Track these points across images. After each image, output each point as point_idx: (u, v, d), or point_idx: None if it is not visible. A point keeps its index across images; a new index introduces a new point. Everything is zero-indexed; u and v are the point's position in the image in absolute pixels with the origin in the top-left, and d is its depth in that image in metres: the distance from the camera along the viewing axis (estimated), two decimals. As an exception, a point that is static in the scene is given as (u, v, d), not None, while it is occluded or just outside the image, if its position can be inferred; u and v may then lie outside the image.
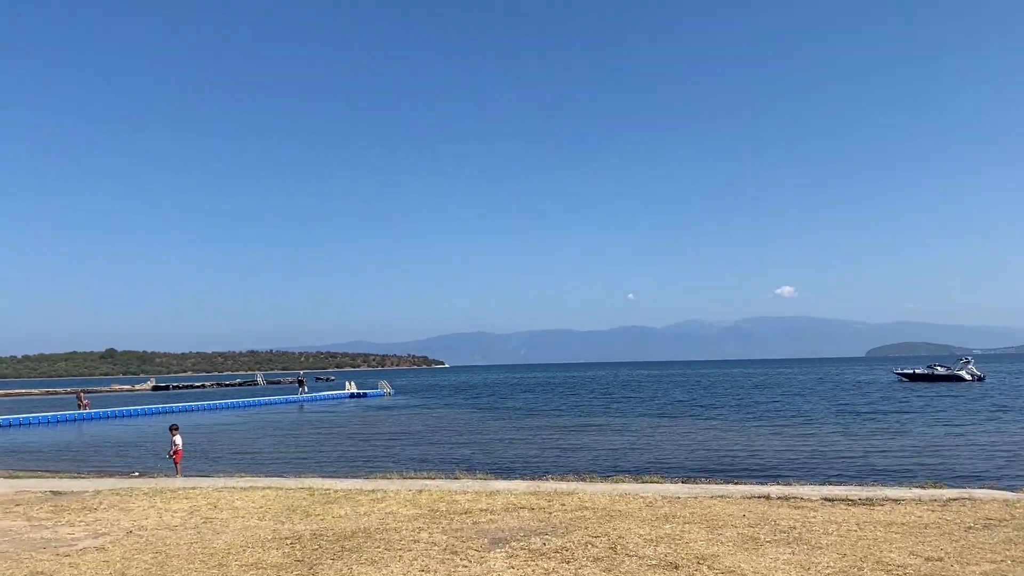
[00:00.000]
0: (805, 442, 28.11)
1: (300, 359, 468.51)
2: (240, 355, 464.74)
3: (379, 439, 33.70)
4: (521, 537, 10.85)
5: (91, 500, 14.71)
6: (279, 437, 36.79)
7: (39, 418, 54.07)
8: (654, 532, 11.02)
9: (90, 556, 10.41)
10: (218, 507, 13.70)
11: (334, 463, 26.03)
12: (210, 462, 27.10)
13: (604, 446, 28.50)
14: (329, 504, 13.85)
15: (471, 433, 35.14)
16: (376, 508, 13.35)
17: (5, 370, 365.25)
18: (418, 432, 36.40)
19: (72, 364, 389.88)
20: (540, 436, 32.70)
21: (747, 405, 50.17)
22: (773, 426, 34.69)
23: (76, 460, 29.93)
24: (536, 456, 26.06)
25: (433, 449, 28.98)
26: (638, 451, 26.77)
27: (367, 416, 50.75)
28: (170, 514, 13.16)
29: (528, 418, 44.29)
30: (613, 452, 26.62)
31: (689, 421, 38.62)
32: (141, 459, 29.35)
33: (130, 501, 14.53)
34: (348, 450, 29.73)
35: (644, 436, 31.81)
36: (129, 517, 12.99)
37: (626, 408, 50.24)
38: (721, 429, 33.93)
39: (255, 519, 12.65)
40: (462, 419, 44.69)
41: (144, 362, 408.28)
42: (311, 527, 11.89)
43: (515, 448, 28.50)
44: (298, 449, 30.74)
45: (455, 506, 13.40)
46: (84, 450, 33.90)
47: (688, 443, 28.68)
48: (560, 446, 28.65)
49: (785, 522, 11.57)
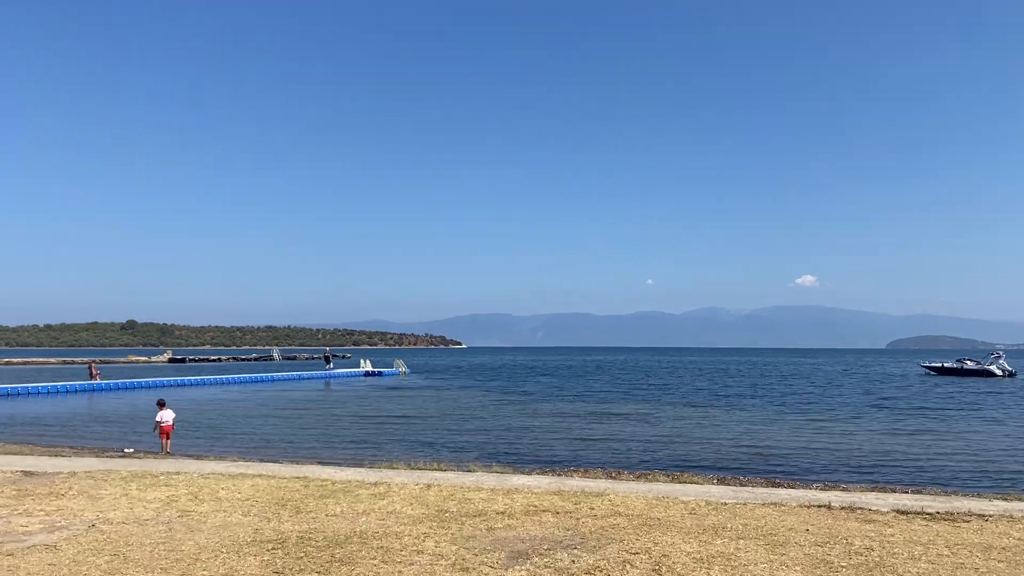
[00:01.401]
0: (849, 439, 26.14)
1: (318, 335, 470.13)
2: (258, 330, 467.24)
3: (390, 422, 32.10)
4: (545, 551, 9.10)
5: (62, 484, 13.13)
6: (288, 416, 35.34)
7: (49, 388, 53.13)
8: (704, 549, 9.22)
9: (36, 557, 8.78)
10: (199, 498, 12.07)
11: (339, 447, 24.43)
12: (211, 440, 25.61)
13: (631, 437, 26.69)
14: (324, 499, 12.17)
15: (487, 418, 33.44)
16: (377, 506, 11.65)
17: (28, 338, 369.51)
18: (432, 415, 34.77)
19: (93, 334, 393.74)
20: (561, 424, 30.93)
21: (779, 396, 48.08)
22: (811, 420, 32.68)
23: (75, 433, 28.60)
24: (557, 446, 24.31)
25: (446, 435, 27.30)
26: (668, 443, 24.94)
27: (380, 396, 49.25)
28: (143, 504, 11.54)
29: (547, 403, 42.55)
30: (641, 444, 24.81)
31: (720, 412, 36.67)
32: (141, 434, 27.94)
33: (104, 486, 12.94)
34: (356, 433, 28.14)
35: (673, 427, 29.95)
36: (97, 506, 11.39)
37: (650, 396, 48.34)
38: (756, 422, 31.97)
39: (238, 514, 11.00)
40: (478, 402, 43.04)
41: (164, 334, 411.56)
42: (299, 527, 10.21)
43: (534, 436, 26.76)
44: (304, 430, 29.20)
45: (467, 506, 11.68)
46: (87, 422, 32.64)
47: (722, 436, 26.82)
48: (583, 436, 26.85)
49: (859, 541, 9.73)
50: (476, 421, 31.73)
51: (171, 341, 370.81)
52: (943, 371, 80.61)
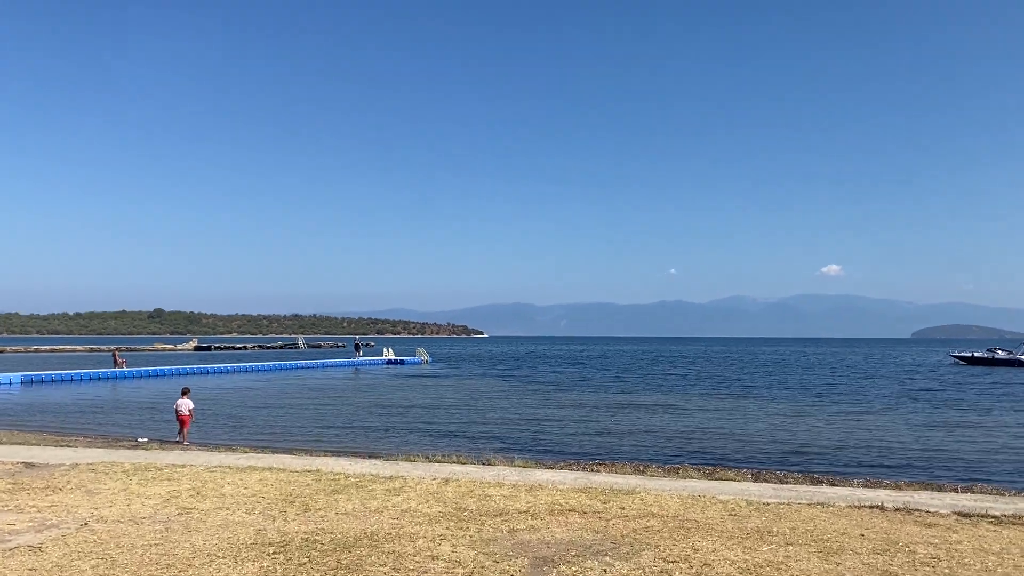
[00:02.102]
0: (888, 432, 24.98)
1: (342, 324, 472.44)
2: (284, 318, 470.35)
3: (411, 411, 31.37)
4: (573, 557, 8.22)
5: (61, 477, 12.47)
6: (308, 404, 34.76)
7: (73, 375, 53.10)
8: (750, 557, 8.29)
9: (16, 561, 8.06)
10: (202, 493, 11.33)
11: (357, 436, 23.72)
12: (227, 430, 25.01)
13: (658, 429, 25.73)
14: (335, 494, 11.38)
15: (509, 408, 32.61)
16: (391, 503, 10.84)
17: (58, 326, 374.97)
18: (452, 405, 33.98)
19: (121, 322, 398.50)
20: (585, 415, 30.01)
21: (809, 386, 46.76)
22: (845, 412, 31.48)
23: (93, 421, 28.19)
24: (582, 438, 23.40)
25: (466, 425, 26.48)
26: (697, 436, 23.94)
27: (402, 385, 48.63)
28: (142, 501, 10.82)
29: (570, 393, 41.65)
30: (669, 437, 23.84)
31: (749, 403, 35.54)
32: (157, 423, 27.47)
33: (104, 480, 12.26)
34: (376, 422, 27.43)
35: (701, 418, 28.93)
36: (92, 503, 10.68)
37: (676, 386, 47.23)
38: (787, 413, 30.81)
39: (241, 512, 10.24)
40: (500, 392, 42.22)
41: (191, 322, 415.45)
42: (306, 528, 9.41)
43: (558, 428, 25.87)
44: (323, 419, 28.55)
45: (488, 504, 10.83)
46: (107, 410, 32.26)
47: (754, 429, 25.77)
48: (609, 428, 25.91)
49: (922, 549, 8.75)
50: (498, 411, 30.91)
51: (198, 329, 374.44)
52: (973, 361, 78.66)
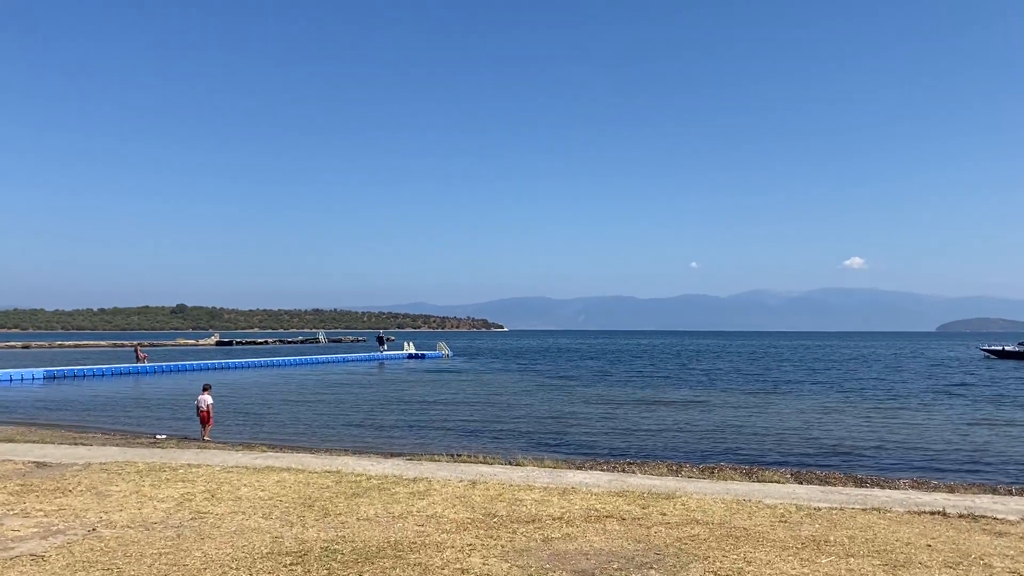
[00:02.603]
0: (928, 430, 24.04)
1: (363, 318, 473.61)
2: (305, 313, 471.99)
3: (433, 407, 30.80)
4: (615, 571, 7.52)
5: (71, 477, 11.96)
6: (329, 400, 34.31)
7: (95, 370, 53.12)
8: (809, 571, 7.55)
9: (18, 571, 7.50)
10: (217, 496, 10.75)
11: (379, 434, 23.16)
12: (246, 427, 24.54)
13: (688, 426, 24.94)
14: (356, 498, 10.76)
15: (533, 404, 31.91)
16: (416, 507, 10.20)
17: (82, 322, 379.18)
18: (476, 401, 33.34)
19: (144, 318, 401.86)
20: (612, 411, 29.25)
21: (838, 381, 45.60)
22: (879, 408, 30.47)
23: (112, 417, 27.89)
24: (611, 436, 22.66)
25: (491, 423, 25.81)
26: (731, 434, 23.12)
27: (423, 379, 48.11)
28: (153, 504, 10.26)
29: (594, 388, 40.90)
30: (701, 434, 23.05)
31: (779, 399, 34.59)
32: (178, 419, 27.10)
33: (116, 481, 11.73)
34: (398, 419, 26.87)
35: (731, 415, 28.07)
36: (102, 506, 10.14)
37: (703, 381, 46.27)
38: (819, 410, 29.85)
39: (258, 517, 9.64)
40: (523, 387, 41.54)
41: (213, 317, 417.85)
42: (325, 535, 8.79)
43: (585, 425, 25.15)
44: (343, 415, 28.04)
45: (519, 509, 10.16)
46: (128, 405, 32.00)
47: (787, 426, 24.90)
48: (638, 425, 25.13)
49: (997, 561, 7.96)
50: (522, 408, 30.20)
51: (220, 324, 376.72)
52: (1004, 355, 76.87)
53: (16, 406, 32.15)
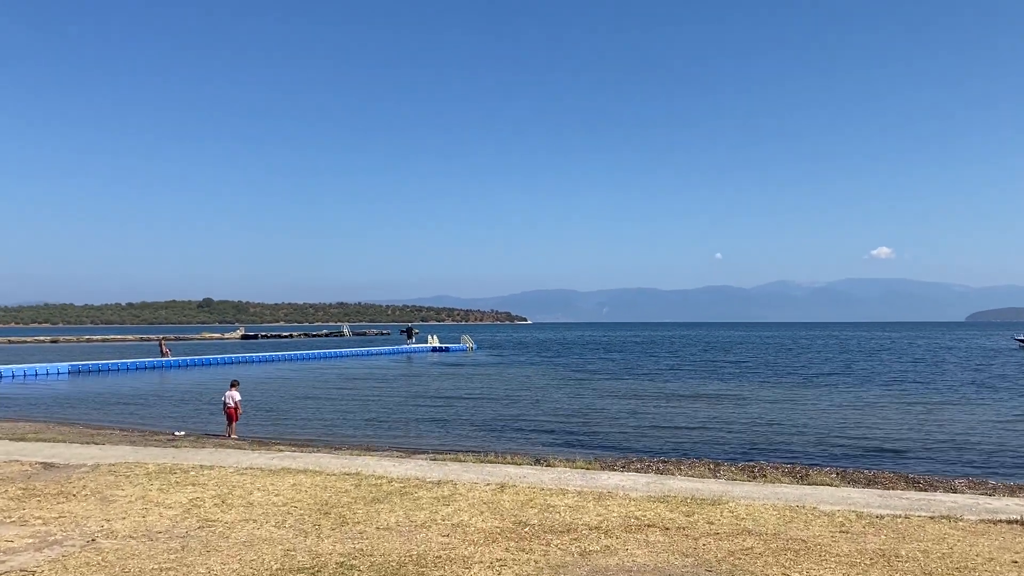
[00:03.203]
0: (979, 425, 22.87)
1: (387, 311, 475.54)
2: (330, 307, 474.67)
3: (457, 402, 30.07)
4: (664, 593, 6.69)
5: (77, 481, 11.31)
6: (351, 395, 33.73)
7: (119, 364, 53.11)
8: (886, 595, 6.66)
9: (3, 589, 6.83)
10: (227, 502, 10.04)
11: (401, 430, 22.45)
12: (265, 424, 23.94)
13: (725, 422, 23.97)
14: (376, 503, 9.99)
15: (560, 399, 31.05)
16: (440, 515, 9.41)
17: (111, 316, 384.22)
18: (501, 396, 32.53)
19: (171, 312, 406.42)
20: (642, 406, 28.30)
21: (873, 374, 44.18)
22: (919, 402, 29.26)
23: (132, 412, 27.46)
24: (644, 433, 21.77)
25: (517, 419, 25.00)
26: (768, 429, 22.13)
27: (447, 373, 47.46)
28: (160, 511, 9.56)
29: (621, 382, 39.96)
30: (737, 431, 22.07)
31: (813, 392, 33.41)
32: (199, 414, 26.63)
33: (123, 484, 11.07)
34: (421, 414, 26.17)
35: (768, 410, 27.03)
36: (106, 513, 9.46)
37: (733, 374, 45.13)
38: (857, 404, 28.71)
39: (270, 526, 8.90)
40: (548, 381, 40.69)
41: (239, 311, 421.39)
42: (342, 547, 8.02)
43: (614, 421, 24.26)
44: (365, 410, 27.39)
45: (552, 517, 9.33)
46: (149, 401, 31.61)
47: (828, 421, 23.85)
48: (671, 421, 24.17)
49: (1100, 583, 7.01)
50: (549, 403, 29.32)
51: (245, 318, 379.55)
52: None
53: (39, 401, 31.94)
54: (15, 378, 45.02)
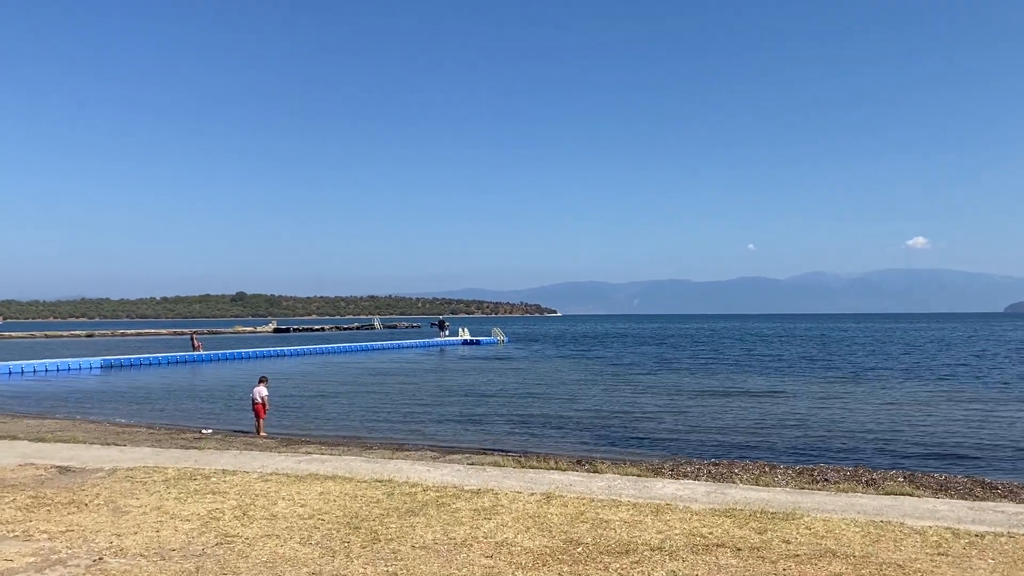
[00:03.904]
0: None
1: (417, 304, 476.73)
2: (361, 300, 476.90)
3: (491, 398, 29.17)
4: (751, 636, 5.67)
5: (91, 488, 10.55)
6: (383, 390, 33.04)
7: (151, 359, 53.11)
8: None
9: (-7, 622, 6.02)
10: (249, 514, 9.18)
11: (435, 428, 21.62)
12: (294, 421, 23.22)
13: (774, 419, 22.77)
14: (411, 516, 9.07)
15: (598, 396, 29.95)
16: (481, 531, 8.46)
17: (146, 310, 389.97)
18: (536, 392, 31.50)
19: (205, 306, 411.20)
20: (684, 403, 27.14)
21: (926, 368, 42.21)
22: (983, 399, 27.69)
23: (161, 408, 27.04)
24: (690, 431, 20.66)
25: (555, 417, 23.97)
26: (824, 427, 20.87)
27: (480, 367, 46.63)
28: (175, 524, 8.73)
29: (659, 376, 38.78)
30: (791, 428, 20.89)
31: (865, 388, 31.79)
32: (229, 410, 26.07)
33: (139, 492, 10.28)
34: (455, 411, 25.31)
35: (818, 406, 25.70)
36: (117, 526, 8.65)
37: (775, 368, 43.63)
38: (915, 401, 27.18)
39: (294, 542, 8.02)
40: (583, 376, 39.62)
41: (271, 305, 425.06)
42: (373, 570, 7.10)
43: (658, 419, 23.14)
44: (397, 407, 26.63)
45: (606, 534, 8.33)
46: (179, 396, 31.20)
47: (884, 419, 22.52)
48: (718, 418, 22.98)
49: None
50: (586, 400, 28.23)
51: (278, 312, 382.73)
52: None
53: (69, 396, 31.68)
54: (48, 372, 45.11)
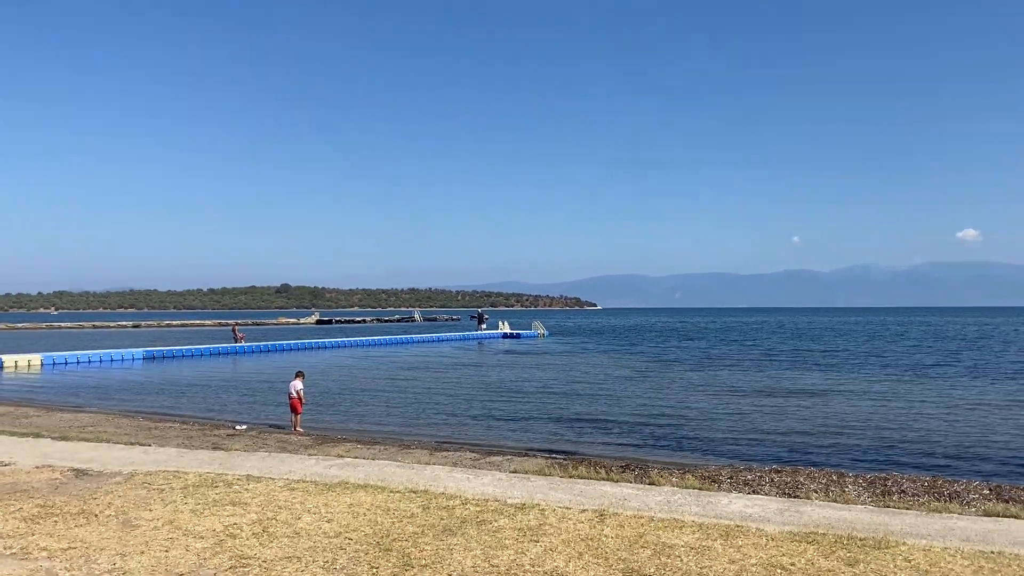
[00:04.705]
0: None
1: (457, 297, 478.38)
2: (401, 292, 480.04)
3: (533, 394, 28.13)
4: None
5: (103, 496, 9.74)
6: (421, 385, 32.23)
7: (192, 351, 53.15)
8: None
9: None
10: (269, 530, 8.27)
11: (476, 426, 20.67)
12: (327, 418, 22.42)
13: (835, 420, 21.34)
14: (448, 536, 8.07)
15: (643, 393, 28.67)
16: (528, 556, 7.42)
17: (193, 302, 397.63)
18: (578, 388, 30.35)
19: (250, 298, 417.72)
20: (736, 402, 25.74)
21: (991, 367, 39.85)
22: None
23: (197, 401, 26.57)
24: (746, 434, 19.36)
25: (601, 417, 22.79)
26: (891, 430, 19.38)
27: (520, 362, 45.63)
28: (187, 542, 7.85)
29: (706, 373, 37.31)
30: (855, 431, 19.45)
31: (930, 387, 29.78)
32: (266, 404, 25.48)
33: (153, 502, 9.45)
34: (495, 408, 24.33)
35: (884, 407, 24.04)
36: (124, 543, 7.80)
37: (831, 365, 41.69)
38: (989, 403, 25.39)
39: (317, 566, 7.08)
40: (626, 372, 38.31)
41: (315, 297, 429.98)
42: (404, 608, 6.13)
43: (711, 419, 21.85)
44: (434, 402, 25.75)
45: (672, 563, 7.23)
46: (217, 389, 30.80)
47: (957, 422, 20.93)
48: (774, 420, 21.56)
49: None
50: (632, 398, 26.99)
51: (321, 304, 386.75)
52: None
53: (108, 388, 31.52)
54: (91, 364, 45.33)
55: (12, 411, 22.11)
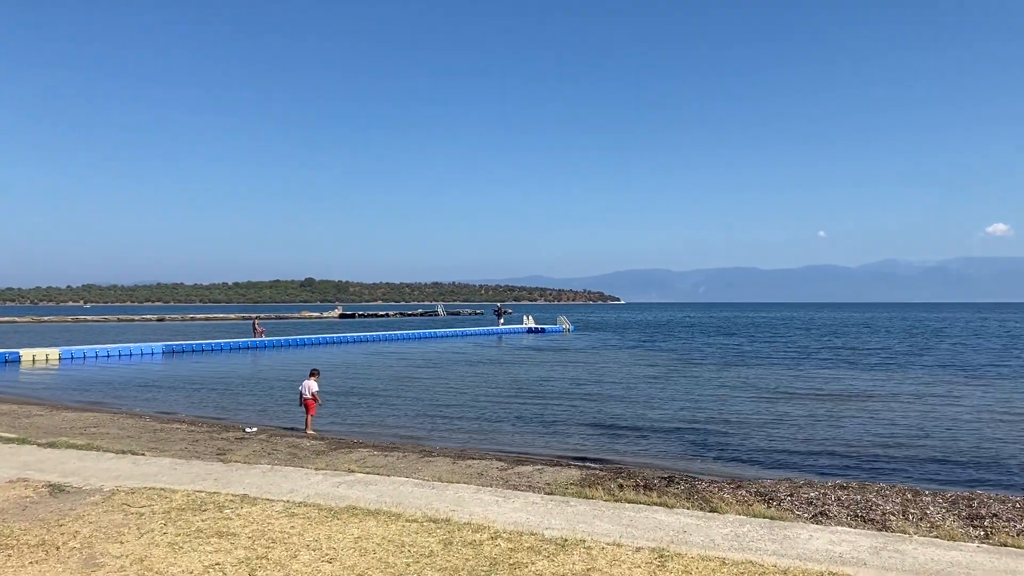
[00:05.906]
0: None
1: (480, 291, 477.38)
2: (425, 286, 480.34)
3: (561, 394, 26.57)
4: None
5: (72, 522, 8.30)
6: (442, 384, 30.83)
7: (212, 345, 52.23)
8: None
9: None
10: (257, 574, 6.83)
11: (502, 429, 19.19)
12: (341, 424, 21.00)
13: (899, 428, 19.55)
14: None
15: (678, 394, 26.92)
16: (575, 618, 5.91)
17: (218, 295, 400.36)
18: (611, 391, 28.47)
19: (275, 291, 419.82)
20: (781, 404, 23.94)
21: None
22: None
23: (208, 400, 25.40)
24: (797, 442, 17.64)
25: (636, 421, 21.07)
26: (963, 441, 17.57)
27: (547, 359, 44.05)
28: (157, 590, 6.44)
29: (737, 372, 35.46)
30: (919, 440, 17.67)
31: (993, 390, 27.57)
32: (280, 403, 24.21)
33: (127, 531, 8.00)
34: (524, 410, 22.78)
35: (947, 413, 22.25)
36: (82, 589, 6.41)
37: (873, 364, 39.51)
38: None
39: (310, 630, 5.62)
40: (660, 370, 36.55)
41: (339, 290, 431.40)
42: None
43: (755, 424, 20.13)
44: (457, 403, 24.29)
45: (760, 631, 5.68)
46: (231, 385, 29.69)
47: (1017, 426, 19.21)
48: (829, 426, 19.64)
49: None
50: (666, 400, 25.22)
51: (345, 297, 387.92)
52: None
53: (123, 383, 30.54)
54: (110, 358, 44.51)
55: (15, 410, 21.00)
